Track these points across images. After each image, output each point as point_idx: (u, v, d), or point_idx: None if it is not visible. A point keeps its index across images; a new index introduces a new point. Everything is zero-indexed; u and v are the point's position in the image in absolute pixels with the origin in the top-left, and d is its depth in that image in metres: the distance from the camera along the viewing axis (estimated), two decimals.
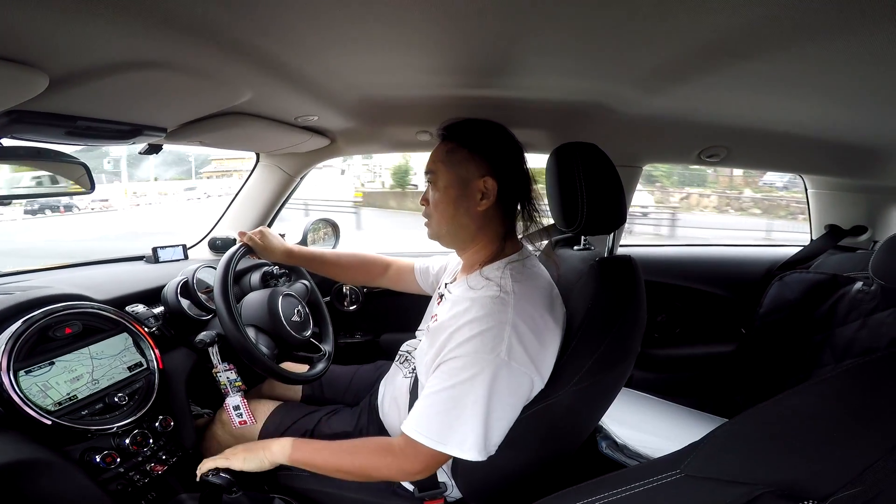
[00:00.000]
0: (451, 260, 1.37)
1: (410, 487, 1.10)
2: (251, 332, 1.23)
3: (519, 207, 1.08)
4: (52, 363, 1.02)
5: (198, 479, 1.05)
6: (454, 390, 0.90)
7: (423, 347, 1.07)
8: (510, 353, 0.89)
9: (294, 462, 1.04)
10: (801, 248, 2.09)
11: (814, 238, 2.14)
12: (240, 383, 1.27)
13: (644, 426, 1.60)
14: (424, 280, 1.47)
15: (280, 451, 1.05)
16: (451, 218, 1.06)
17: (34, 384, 0.98)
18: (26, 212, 13.75)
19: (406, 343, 1.34)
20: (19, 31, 0.61)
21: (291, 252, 1.43)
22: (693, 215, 14.72)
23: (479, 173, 1.02)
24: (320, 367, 1.37)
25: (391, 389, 1.23)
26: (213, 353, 1.24)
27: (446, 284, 1.18)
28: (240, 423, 1.24)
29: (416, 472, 0.98)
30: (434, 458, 0.94)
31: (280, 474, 1.21)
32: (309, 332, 1.40)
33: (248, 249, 1.38)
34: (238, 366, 1.29)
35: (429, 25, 0.78)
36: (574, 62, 0.98)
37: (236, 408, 1.25)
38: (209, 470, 1.04)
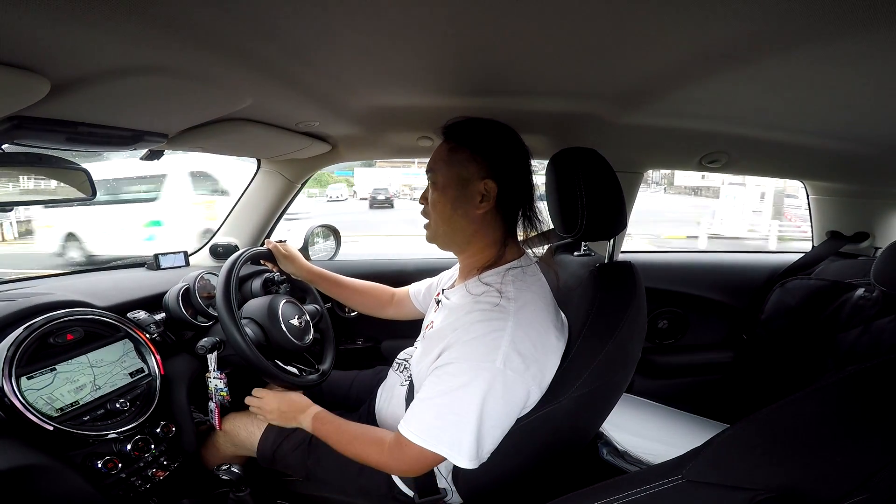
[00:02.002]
0: (442, 275, 1.38)
1: (410, 493, 1.10)
2: (250, 332, 1.24)
3: (520, 213, 1.05)
4: (54, 369, 1.03)
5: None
6: (448, 397, 0.89)
7: (418, 354, 1.06)
8: (506, 361, 0.88)
9: (315, 433, 1.13)
10: (803, 254, 2.09)
11: (815, 245, 2.14)
12: (224, 393, 1.29)
13: (645, 432, 1.59)
14: (418, 301, 1.47)
15: (307, 424, 1.14)
16: (448, 219, 1.03)
17: (36, 390, 0.98)
18: None
19: (404, 351, 1.34)
20: (21, 36, 0.62)
21: (311, 268, 1.47)
22: None
23: (479, 175, 0.99)
24: (313, 378, 1.37)
25: (388, 396, 1.23)
26: (211, 359, 1.25)
27: (443, 290, 1.17)
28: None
29: (402, 470, 0.99)
30: (422, 459, 0.93)
31: (284, 480, 1.26)
32: (309, 339, 1.40)
33: (269, 255, 1.42)
34: (230, 377, 1.31)
35: (432, 33, 0.78)
36: (573, 70, 0.97)
37: (211, 412, 1.31)
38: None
